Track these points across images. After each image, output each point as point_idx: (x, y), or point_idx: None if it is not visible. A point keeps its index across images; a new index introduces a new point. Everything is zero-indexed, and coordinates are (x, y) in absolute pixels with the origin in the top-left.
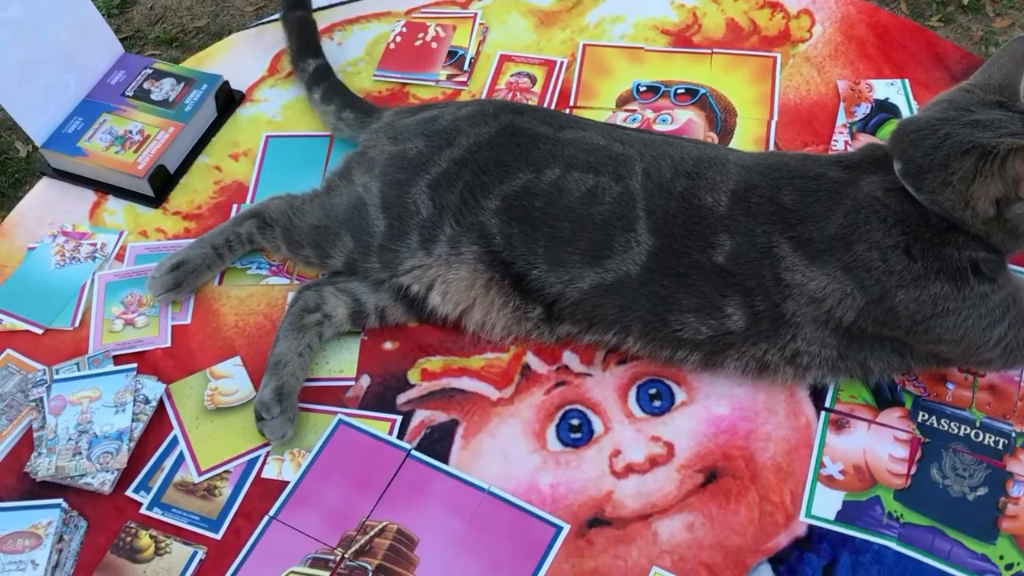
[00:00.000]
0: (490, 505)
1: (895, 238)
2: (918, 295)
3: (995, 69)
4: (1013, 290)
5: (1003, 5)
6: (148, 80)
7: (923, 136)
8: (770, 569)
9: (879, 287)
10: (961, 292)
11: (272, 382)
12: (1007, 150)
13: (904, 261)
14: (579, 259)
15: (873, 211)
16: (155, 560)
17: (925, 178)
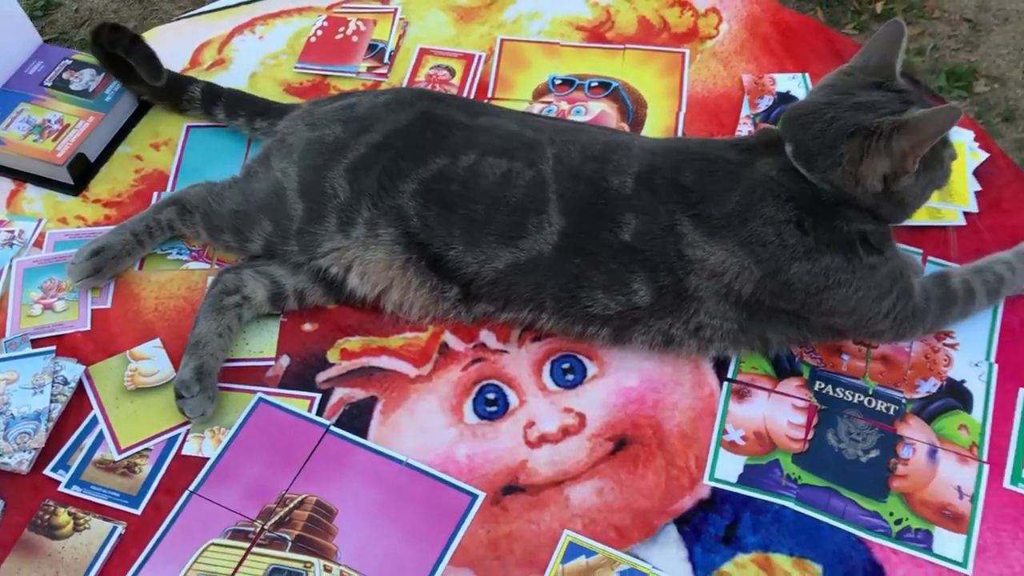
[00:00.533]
0: (407, 476)
1: (788, 213)
2: (811, 267)
3: (872, 52)
4: (899, 264)
5: (913, 15)
6: (67, 71)
7: (811, 120)
8: (675, 529)
9: (774, 260)
10: (851, 263)
11: (192, 362)
12: (890, 128)
13: (797, 235)
14: (494, 240)
15: (767, 189)
16: (74, 536)
17: (816, 159)
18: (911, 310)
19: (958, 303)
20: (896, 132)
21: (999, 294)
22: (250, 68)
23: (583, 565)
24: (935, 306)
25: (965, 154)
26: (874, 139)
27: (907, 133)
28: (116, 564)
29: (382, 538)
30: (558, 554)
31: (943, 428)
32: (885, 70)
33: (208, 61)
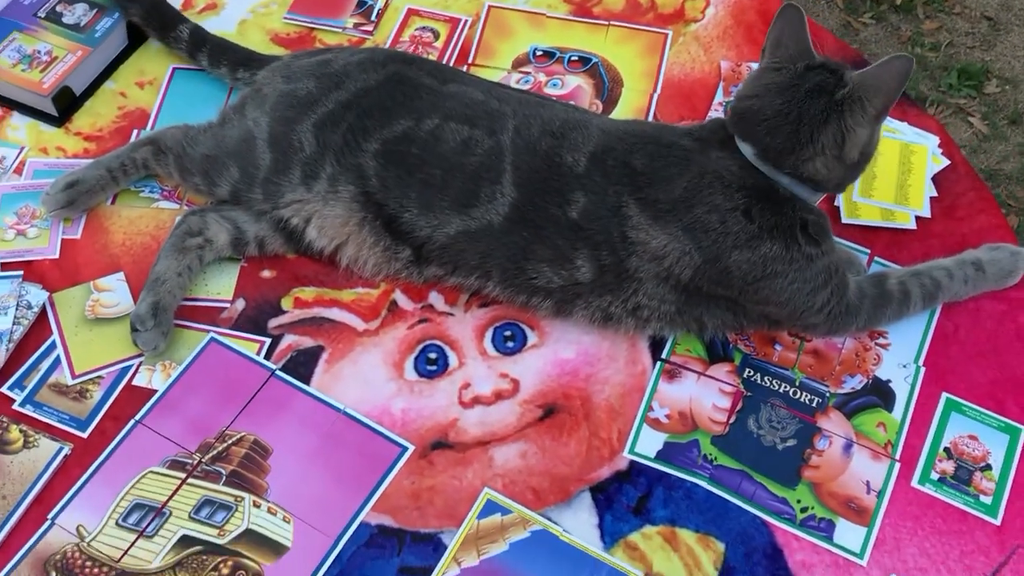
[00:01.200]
0: (343, 424)
1: (736, 202)
2: (750, 256)
3: (784, 40)
4: (836, 259)
5: (933, 8)
6: (61, 3)
7: (776, 124)
8: (590, 496)
9: (715, 248)
10: (789, 252)
11: (149, 297)
12: (858, 97)
13: (741, 222)
14: (448, 206)
15: (717, 177)
16: (23, 452)
17: (788, 158)
18: (844, 306)
19: (892, 304)
20: (864, 98)
21: (936, 299)
22: (240, 15)
23: (498, 522)
24: (868, 305)
25: (927, 159)
26: (847, 115)
27: (874, 93)
28: (59, 482)
29: (311, 480)
30: (475, 509)
31: (862, 424)
32: (806, 53)
33: (201, 4)
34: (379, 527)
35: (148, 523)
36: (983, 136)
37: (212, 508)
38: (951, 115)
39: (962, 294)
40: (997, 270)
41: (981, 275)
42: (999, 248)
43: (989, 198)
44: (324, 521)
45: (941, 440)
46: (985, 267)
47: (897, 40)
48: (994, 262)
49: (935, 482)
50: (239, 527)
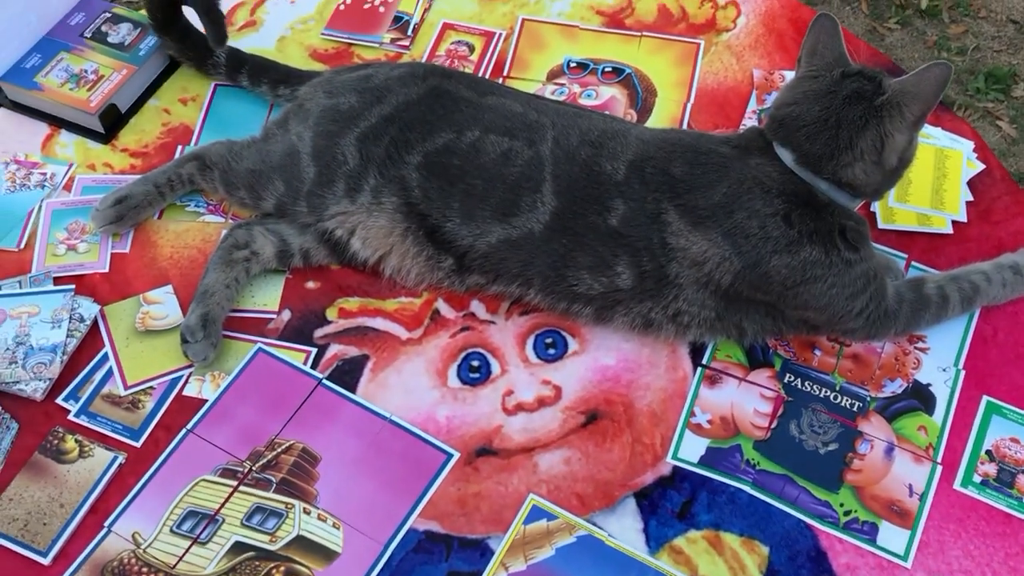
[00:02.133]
0: (389, 432)
1: (776, 207)
2: (790, 260)
3: (820, 49)
4: (874, 265)
5: (959, 13)
6: (106, 24)
7: (816, 130)
8: (634, 502)
9: (755, 253)
10: (829, 257)
11: (199, 309)
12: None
13: (781, 227)
14: (489, 215)
15: (757, 183)
16: (79, 462)
17: (827, 163)
18: (883, 311)
19: (930, 309)
20: (902, 104)
21: (974, 303)
22: (279, 32)
23: (544, 528)
24: (907, 309)
25: (962, 164)
26: (886, 120)
27: (912, 99)
28: (114, 490)
29: (360, 487)
30: (521, 515)
31: (903, 428)
32: (841, 60)
33: (240, 22)
34: (427, 533)
35: (202, 530)
36: (1012, 140)
37: (263, 515)
38: (979, 119)
39: (1000, 298)
40: None
41: (1019, 279)
42: None
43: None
44: (373, 527)
45: (983, 443)
46: (1023, 270)
47: (923, 45)
48: None
49: (978, 485)
50: (290, 533)
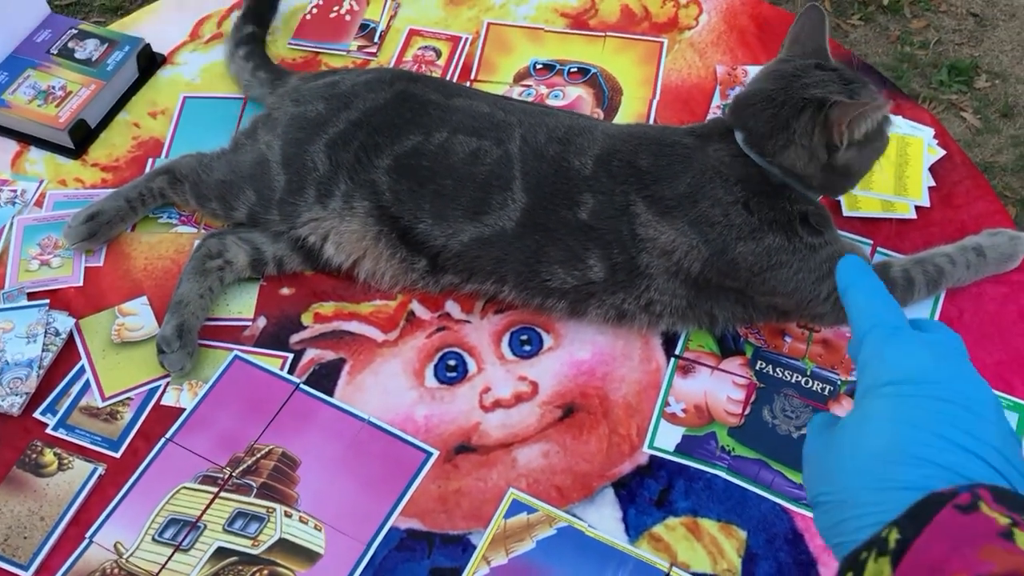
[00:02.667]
0: (368, 433)
1: (735, 195)
2: (754, 247)
3: (802, 39)
4: (840, 248)
5: (920, 7)
6: (73, 40)
7: (762, 107)
8: (612, 492)
9: (721, 240)
10: (792, 243)
11: (174, 320)
12: (831, 104)
13: (743, 215)
14: (461, 215)
15: (717, 172)
16: (58, 475)
17: (768, 142)
18: None
19: (896, 292)
20: (833, 107)
21: (939, 285)
22: None
23: (524, 521)
24: None
25: (923, 151)
26: (821, 112)
27: (841, 109)
28: (95, 502)
29: (340, 488)
30: (502, 509)
31: None
32: (820, 52)
33: (207, 35)
34: (408, 531)
35: (184, 537)
36: (976, 130)
37: (245, 520)
38: (944, 111)
39: (965, 279)
40: (998, 255)
41: (982, 260)
42: (999, 233)
43: (985, 185)
44: (355, 527)
45: None
46: (986, 252)
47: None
48: (994, 247)
49: None
50: (272, 537)
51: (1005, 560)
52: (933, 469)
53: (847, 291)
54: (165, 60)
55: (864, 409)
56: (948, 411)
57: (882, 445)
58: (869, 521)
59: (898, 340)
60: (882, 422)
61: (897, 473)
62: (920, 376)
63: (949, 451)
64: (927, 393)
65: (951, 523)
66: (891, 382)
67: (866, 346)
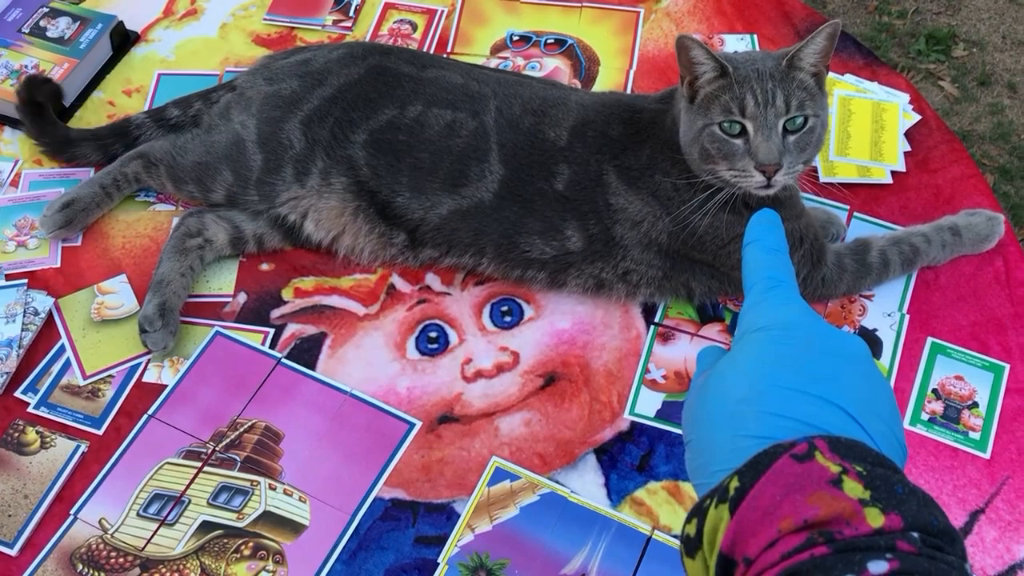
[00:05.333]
0: (351, 405)
1: (683, 168)
2: (711, 221)
3: None
4: (803, 226)
5: None
6: (44, 18)
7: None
8: (594, 458)
9: (681, 213)
10: (743, 218)
11: (155, 299)
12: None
13: (690, 190)
14: (438, 187)
15: (669, 143)
16: (40, 453)
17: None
18: (821, 278)
19: (872, 274)
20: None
21: (914, 264)
22: (221, 19)
23: (507, 488)
24: (849, 279)
25: (899, 116)
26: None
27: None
28: (78, 479)
29: (324, 461)
30: (485, 477)
31: None
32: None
33: (181, 11)
34: (393, 500)
35: (168, 512)
36: (954, 99)
37: (229, 493)
38: (922, 80)
39: (940, 259)
40: (974, 235)
41: (958, 240)
42: (976, 213)
43: (961, 149)
44: (339, 498)
45: (929, 382)
46: (962, 232)
47: (864, 10)
48: (970, 227)
49: (925, 422)
50: (257, 510)
51: (830, 505)
52: (782, 421)
53: (747, 246)
54: (139, 37)
55: (733, 354)
56: (810, 356)
57: (741, 393)
58: (722, 467)
59: (778, 292)
60: (744, 369)
61: (749, 425)
62: (790, 322)
63: (802, 401)
64: (793, 336)
65: (786, 471)
66: (762, 327)
67: (748, 297)
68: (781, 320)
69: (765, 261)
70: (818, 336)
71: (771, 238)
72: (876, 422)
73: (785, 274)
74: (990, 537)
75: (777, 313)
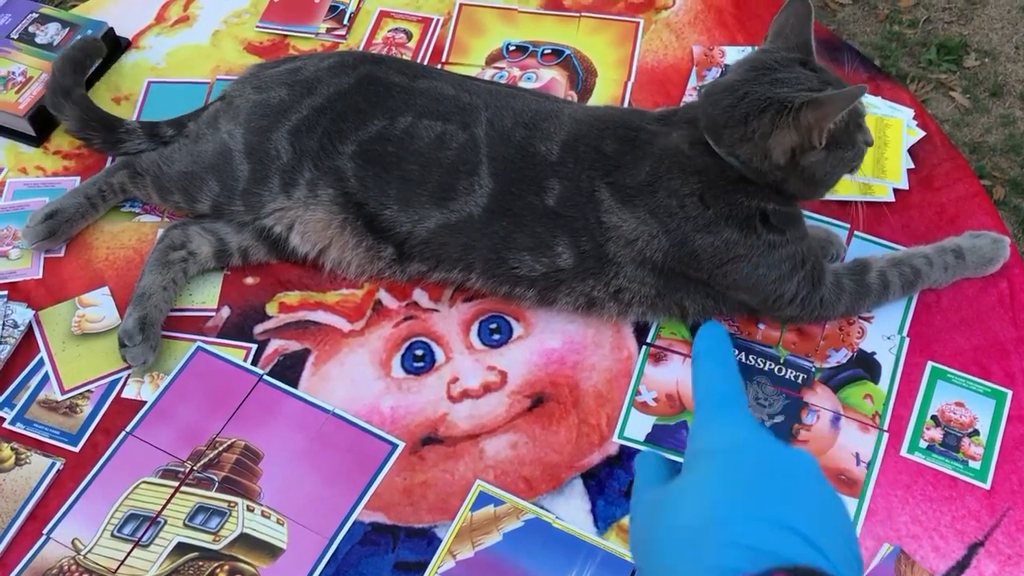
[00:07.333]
0: (333, 425)
1: (692, 186)
2: (712, 240)
3: (786, 32)
4: (804, 248)
5: None
6: (33, 24)
7: (723, 96)
8: (581, 483)
9: (680, 231)
10: (748, 239)
11: (136, 312)
12: (800, 103)
13: (699, 207)
14: (427, 200)
15: (675, 161)
16: (15, 470)
17: (723, 133)
18: (819, 299)
19: (871, 296)
20: (806, 107)
21: (915, 286)
22: (213, 26)
23: (491, 513)
24: (847, 299)
25: (902, 132)
26: (784, 113)
27: (814, 108)
28: (53, 497)
29: (304, 482)
30: (468, 502)
31: (848, 397)
32: (804, 47)
33: (173, 17)
34: (373, 524)
35: (143, 532)
36: (965, 110)
37: (206, 514)
38: (932, 90)
39: (942, 281)
40: (977, 258)
41: (961, 262)
42: (981, 235)
43: (965, 167)
44: (318, 522)
45: (928, 408)
46: (965, 255)
47: (875, 19)
48: (974, 250)
49: (924, 450)
50: (234, 532)
51: None
52: (741, 551)
53: (696, 358)
54: (130, 44)
55: (684, 479)
56: (763, 479)
57: (697, 522)
58: None
59: (727, 411)
60: (698, 496)
61: (708, 556)
62: (741, 444)
63: (759, 529)
64: (745, 459)
65: None
66: (713, 450)
67: (698, 412)
68: (732, 442)
69: (716, 374)
70: (768, 457)
71: (721, 350)
72: (831, 541)
73: (735, 390)
74: (989, 571)
75: (728, 434)
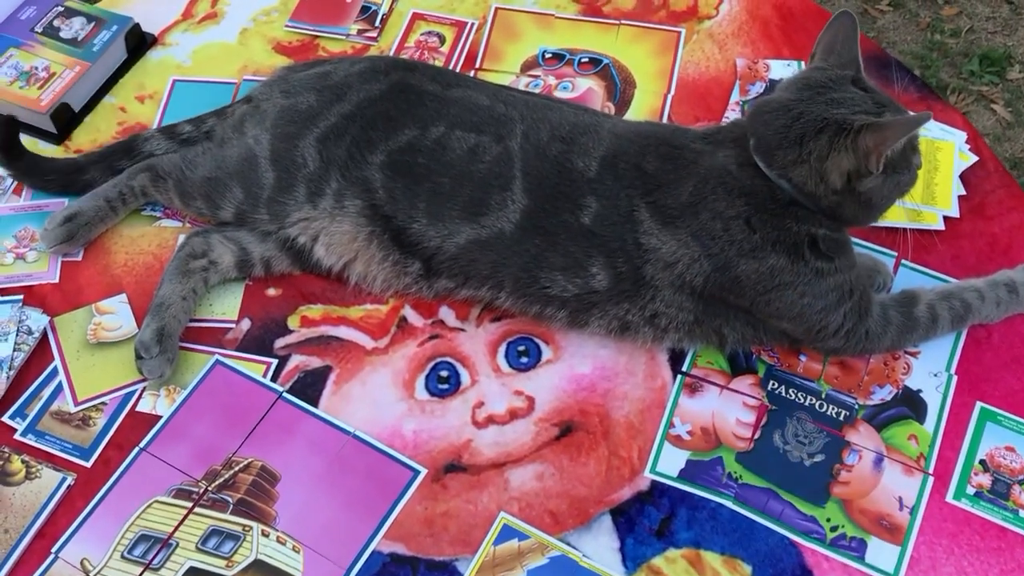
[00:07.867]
0: (353, 448)
1: (737, 209)
2: (757, 266)
3: (836, 48)
4: (853, 278)
5: None
6: (58, 18)
7: (776, 116)
8: (610, 519)
9: (723, 255)
10: (795, 266)
11: (153, 323)
12: (860, 126)
13: (744, 231)
14: (457, 215)
15: (721, 182)
16: (25, 484)
17: (777, 154)
18: (864, 331)
19: (918, 330)
20: (865, 130)
21: (965, 321)
22: (241, 24)
23: (515, 548)
24: (894, 332)
25: (954, 156)
26: (843, 136)
27: (874, 132)
28: (62, 514)
29: (321, 507)
30: (491, 535)
31: (892, 437)
32: (852, 64)
33: (201, 14)
34: (392, 555)
35: (154, 555)
36: (1007, 123)
37: (219, 538)
38: (973, 103)
39: (994, 317)
40: None
41: (1014, 297)
42: None
43: (1020, 195)
44: (335, 550)
45: (976, 452)
46: (1019, 289)
47: (916, 27)
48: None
49: (971, 497)
50: (248, 558)
51: None
52: None
53: None
54: (155, 41)
55: None
56: None
57: None
58: None
59: None
60: None
61: None
62: None
63: None
64: None
65: None
66: None
67: None
68: None
69: None
70: None
71: None
72: None
73: None
74: None
75: None
